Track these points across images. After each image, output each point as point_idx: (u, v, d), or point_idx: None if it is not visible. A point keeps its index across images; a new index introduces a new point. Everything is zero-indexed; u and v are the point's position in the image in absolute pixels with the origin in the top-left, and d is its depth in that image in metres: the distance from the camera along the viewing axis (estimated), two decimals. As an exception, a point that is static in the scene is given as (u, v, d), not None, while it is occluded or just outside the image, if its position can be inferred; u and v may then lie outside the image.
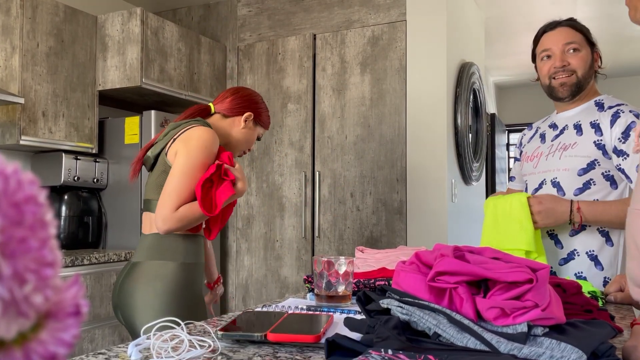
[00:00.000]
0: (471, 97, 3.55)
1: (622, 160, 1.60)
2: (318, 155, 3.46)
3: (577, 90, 1.71)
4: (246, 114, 1.84)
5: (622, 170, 1.62)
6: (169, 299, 1.62)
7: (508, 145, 6.82)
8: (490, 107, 6.04)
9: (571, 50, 1.69)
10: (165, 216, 1.60)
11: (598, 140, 1.64)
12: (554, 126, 1.80)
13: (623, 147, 1.60)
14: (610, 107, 1.66)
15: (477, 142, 3.75)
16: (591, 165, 1.65)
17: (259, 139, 1.93)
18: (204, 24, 3.90)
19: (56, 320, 0.27)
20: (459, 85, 3.37)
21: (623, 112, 1.62)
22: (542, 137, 1.83)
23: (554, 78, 1.73)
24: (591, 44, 1.71)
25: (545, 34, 1.76)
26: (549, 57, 1.74)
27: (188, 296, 1.66)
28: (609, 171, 1.64)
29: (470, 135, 3.53)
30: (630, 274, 1.09)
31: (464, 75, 3.41)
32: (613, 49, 5.24)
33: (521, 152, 1.94)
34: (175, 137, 1.69)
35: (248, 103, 1.85)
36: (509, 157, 6.80)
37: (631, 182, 1.60)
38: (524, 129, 2.02)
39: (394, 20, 3.31)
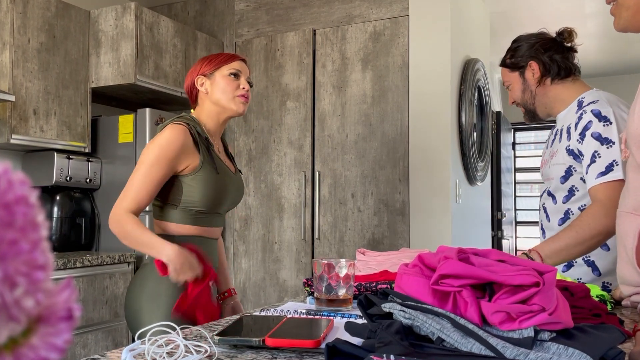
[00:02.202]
0: (476, 94, 3.55)
1: (582, 159, 1.65)
2: (318, 154, 3.46)
3: (531, 115, 1.85)
4: (196, 80, 1.78)
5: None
6: (152, 298, 1.64)
7: (514, 144, 6.82)
8: (496, 104, 6.04)
9: (507, 88, 1.88)
10: (111, 215, 1.61)
11: (568, 146, 1.69)
12: (554, 129, 1.87)
13: (581, 148, 1.64)
14: (580, 108, 1.68)
15: (482, 141, 3.75)
16: (568, 172, 1.71)
17: (236, 75, 1.76)
18: (200, 19, 3.90)
19: (48, 325, 0.27)
20: (463, 82, 3.37)
21: (585, 113, 1.65)
22: (551, 141, 1.88)
23: None
24: (515, 68, 1.82)
25: None
26: None
27: (170, 298, 1.64)
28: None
29: (475, 133, 3.53)
30: (620, 274, 1.14)
31: (468, 72, 3.41)
32: (621, 46, 5.24)
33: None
34: None
35: (190, 76, 1.81)
36: (515, 157, 6.80)
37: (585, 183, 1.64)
38: (529, 127, 2.16)
39: (396, 15, 3.31)
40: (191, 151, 1.68)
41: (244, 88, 1.77)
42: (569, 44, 1.77)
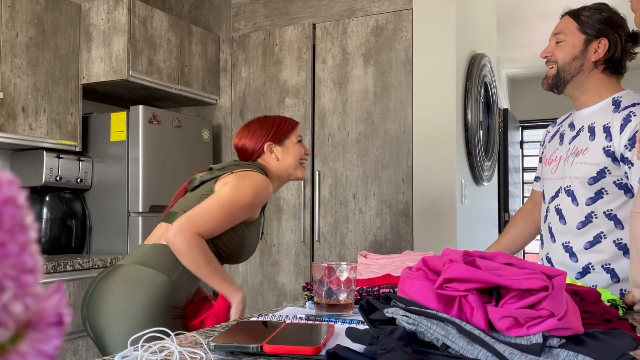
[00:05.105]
0: (482, 91, 3.55)
1: (628, 168, 1.59)
2: (318, 153, 3.46)
3: (557, 83, 1.73)
4: (266, 147, 1.86)
5: (627, 179, 1.61)
6: (148, 311, 1.56)
7: (522, 142, 6.82)
8: (503, 101, 6.04)
9: (557, 41, 1.72)
10: (184, 232, 1.59)
11: (607, 147, 1.62)
12: (572, 126, 1.79)
13: (628, 155, 1.58)
14: (625, 108, 1.62)
15: (488, 140, 3.75)
16: (601, 174, 1.63)
17: (300, 140, 1.92)
18: (196, 12, 3.90)
19: (37, 331, 0.27)
20: (469, 79, 3.37)
21: (634, 115, 1.59)
22: (562, 137, 1.82)
23: None
24: (587, 32, 1.68)
25: None
26: None
27: (168, 315, 1.61)
28: (621, 179, 1.62)
29: (481, 132, 3.53)
30: (632, 277, 1.14)
31: (474, 68, 3.41)
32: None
33: (543, 151, 1.94)
34: (233, 171, 1.75)
35: (255, 140, 1.86)
36: (522, 156, 6.80)
37: (628, 195, 1.61)
38: (538, 125, 2.07)
39: (400, 8, 3.31)
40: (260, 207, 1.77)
41: (307, 153, 1.93)
42: (633, 48, 1.72)
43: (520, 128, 6.68)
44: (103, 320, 1.58)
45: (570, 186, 1.70)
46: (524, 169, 6.78)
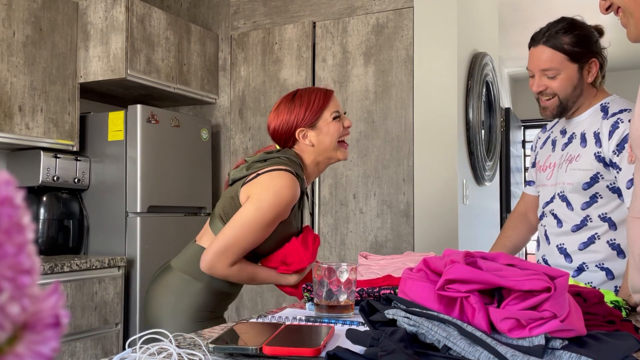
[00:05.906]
0: (484, 90, 3.55)
1: (617, 173, 1.66)
2: (318, 153, 3.46)
3: (562, 111, 1.76)
4: (297, 132, 1.69)
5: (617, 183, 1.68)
6: (188, 319, 1.63)
7: (524, 142, 6.82)
8: (505, 101, 6.04)
9: (548, 76, 1.72)
10: (216, 270, 1.57)
11: (598, 152, 1.69)
12: (563, 132, 1.85)
13: (616, 160, 1.64)
14: (613, 115, 1.69)
15: (490, 139, 3.75)
16: (595, 179, 1.70)
17: (336, 116, 1.71)
18: (194, 10, 3.90)
19: (34, 332, 0.27)
20: (470, 78, 3.37)
21: (622, 122, 1.65)
22: (554, 144, 1.88)
23: (538, 99, 1.80)
24: (578, 59, 1.69)
25: (530, 49, 1.77)
26: (532, 76, 1.77)
27: (205, 319, 1.65)
28: (613, 183, 1.69)
29: (482, 131, 3.53)
30: (631, 283, 1.14)
31: (476, 67, 3.41)
32: None
33: (535, 157, 2.00)
34: (259, 172, 1.62)
35: (285, 123, 1.70)
36: (524, 155, 6.80)
37: (622, 198, 1.66)
38: (540, 125, 2.09)
39: (400, 6, 3.31)
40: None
41: (348, 126, 1.74)
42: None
43: (522, 127, 6.68)
44: (153, 321, 1.67)
45: (563, 192, 1.77)
46: (526, 169, 6.78)
